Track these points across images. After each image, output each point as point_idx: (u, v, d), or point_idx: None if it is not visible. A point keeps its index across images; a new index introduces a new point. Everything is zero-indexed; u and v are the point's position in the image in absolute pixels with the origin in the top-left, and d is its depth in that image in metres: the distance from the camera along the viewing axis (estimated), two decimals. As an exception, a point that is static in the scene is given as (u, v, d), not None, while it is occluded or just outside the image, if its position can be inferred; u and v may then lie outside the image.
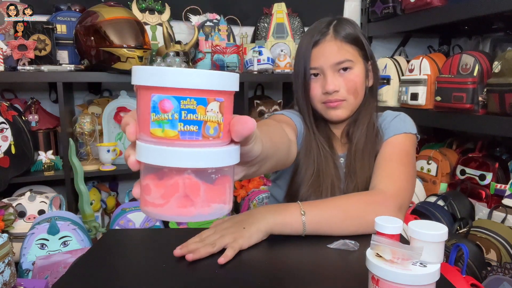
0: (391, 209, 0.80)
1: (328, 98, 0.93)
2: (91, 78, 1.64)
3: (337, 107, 0.94)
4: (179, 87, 0.33)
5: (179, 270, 0.65)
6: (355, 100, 0.95)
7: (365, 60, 0.96)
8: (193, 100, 0.34)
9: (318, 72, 0.94)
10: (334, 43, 0.92)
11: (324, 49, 0.93)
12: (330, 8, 2.25)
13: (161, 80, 0.33)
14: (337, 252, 0.71)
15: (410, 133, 0.95)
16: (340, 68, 0.92)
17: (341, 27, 0.94)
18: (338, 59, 0.92)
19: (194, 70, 0.33)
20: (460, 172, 1.80)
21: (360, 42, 0.95)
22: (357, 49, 0.94)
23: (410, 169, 0.90)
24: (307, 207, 0.78)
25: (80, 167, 1.53)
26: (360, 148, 0.95)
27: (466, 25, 1.97)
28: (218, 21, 1.94)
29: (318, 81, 0.94)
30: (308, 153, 0.96)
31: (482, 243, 1.31)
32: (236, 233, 0.72)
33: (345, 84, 0.93)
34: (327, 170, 0.94)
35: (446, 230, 0.53)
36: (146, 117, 0.34)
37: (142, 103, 0.35)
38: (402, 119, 0.99)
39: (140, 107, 0.36)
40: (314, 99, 0.96)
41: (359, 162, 0.94)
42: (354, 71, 0.93)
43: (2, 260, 0.88)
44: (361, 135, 0.96)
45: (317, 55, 0.93)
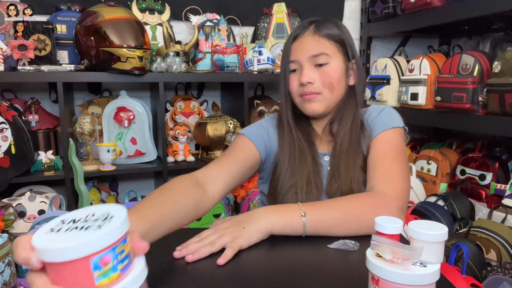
0: (393, 211, 0.80)
1: (304, 91, 0.94)
2: (91, 78, 1.64)
3: (312, 100, 0.94)
4: (112, 242, 0.40)
5: (179, 270, 0.65)
6: (330, 95, 0.94)
7: (346, 57, 0.97)
8: (121, 243, 0.42)
9: (297, 66, 0.95)
10: (312, 38, 0.94)
11: (302, 42, 0.94)
12: (330, 8, 2.25)
13: (97, 245, 0.39)
14: (337, 252, 0.71)
15: (398, 127, 0.95)
16: (317, 62, 0.93)
17: (323, 25, 0.95)
18: (314, 52, 0.93)
19: (110, 227, 0.40)
20: (460, 172, 1.80)
21: (342, 39, 0.96)
22: (337, 46, 0.95)
23: (404, 166, 0.90)
24: (308, 208, 0.78)
25: (80, 167, 1.53)
26: (345, 147, 0.95)
27: (466, 25, 1.97)
28: (218, 21, 1.94)
29: (296, 75, 0.96)
30: (285, 150, 0.96)
31: (482, 243, 1.31)
32: (235, 232, 0.72)
33: (320, 77, 0.93)
34: (303, 165, 0.94)
35: (446, 230, 0.53)
36: (87, 279, 0.40)
37: (78, 273, 0.40)
38: (388, 113, 0.98)
39: (73, 276, 0.40)
40: (292, 93, 0.97)
41: (343, 161, 0.93)
42: (330, 65, 0.93)
43: (2, 260, 0.88)
44: (346, 133, 0.95)
45: (295, 49, 0.95)
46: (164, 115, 1.77)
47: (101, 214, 0.44)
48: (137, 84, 1.98)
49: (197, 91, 2.12)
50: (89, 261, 0.39)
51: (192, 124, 1.95)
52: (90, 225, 0.41)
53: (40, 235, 0.41)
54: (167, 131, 1.88)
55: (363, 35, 2.31)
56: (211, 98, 2.09)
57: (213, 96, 2.14)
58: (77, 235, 0.40)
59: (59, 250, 0.38)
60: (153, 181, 2.11)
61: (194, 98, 2.03)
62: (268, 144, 0.98)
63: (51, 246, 0.39)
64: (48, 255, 0.39)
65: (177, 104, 1.95)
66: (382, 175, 0.87)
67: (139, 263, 0.45)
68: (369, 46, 2.31)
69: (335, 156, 0.95)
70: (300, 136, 0.97)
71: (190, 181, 0.81)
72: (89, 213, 0.45)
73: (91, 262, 0.39)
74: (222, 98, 2.16)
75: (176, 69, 1.70)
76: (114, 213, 0.44)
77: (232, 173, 0.89)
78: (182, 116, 1.97)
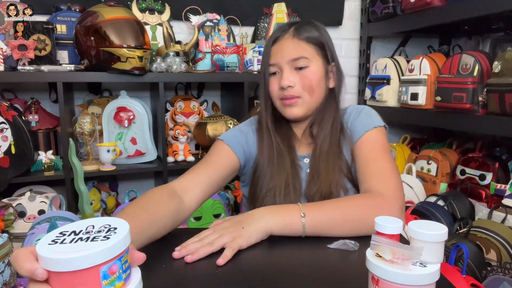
0: (394, 212, 0.80)
1: (284, 94, 0.94)
2: (91, 78, 1.64)
3: (292, 105, 0.95)
4: (120, 252, 0.42)
5: (179, 270, 0.65)
6: (310, 98, 0.95)
7: (326, 60, 0.97)
8: (126, 253, 0.44)
9: (277, 69, 0.95)
10: (291, 41, 0.94)
11: (282, 46, 0.94)
12: (330, 8, 2.25)
13: (107, 255, 0.41)
14: (337, 252, 0.71)
15: (379, 126, 0.95)
16: (296, 66, 0.93)
17: (303, 28, 0.95)
18: (294, 55, 0.93)
19: (118, 238, 0.42)
20: (460, 172, 1.80)
21: (321, 43, 0.96)
22: (317, 49, 0.95)
23: (393, 164, 0.91)
24: (307, 209, 0.78)
25: (80, 167, 1.53)
26: (325, 150, 0.95)
27: (466, 25, 1.97)
28: (218, 21, 1.94)
29: (276, 78, 0.96)
30: (264, 154, 0.97)
31: (482, 243, 1.31)
32: (235, 232, 0.72)
33: (300, 80, 0.93)
34: (281, 168, 0.95)
35: (446, 230, 0.53)
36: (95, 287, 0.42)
37: (87, 282, 0.41)
38: (367, 113, 0.99)
39: (82, 286, 0.41)
40: (273, 96, 0.97)
41: (323, 163, 0.94)
42: (310, 69, 0.94)
43: (2, 260, 0.88)
44: (326, 136, 0.96)
45: (275, 52, 0.95)
46: (164, 115, 1.77)
47: (102, 226, 0.45)
48: (137, 84, 1.98)
49: (197, 91, 2.12)
50: (99, 270, 0.41)
51: (192, 124, 1.95)
52: (96, 236, 0.43)
53: (44, 246, 0.42)
54: (167, 131, 1.88)
55: (363, 35, 2.31)
56: (211, 98, 2.09)
57: (213, 96, 2.14)
58: (86, 245, 0.41)
59: (72, 260, 0.39)
60: (153, 181, 2.11)
61: (194, 98, 2.03)
62: (247, 148, 0.99)
63: (62, 256, 0.39)
64: (59, 265, 0.40)
65: (177, 104, 1.95)
66: (376, 176, 0.87)
67: (136, 273, 0.47)
68: (369, 46, 2.31)
69: (315, 159, 0.96)
70: (279, 140, 0.98)
71: (166, 192, 0.83)
72: (88, 225, 0.46)
73: (100, 271, 0.41)
74: (222, 98, 2.16)
75: (176, 69, 1.70)
76: (115, 224, 0.46)
77: (209, 181, 0.90)
78: (182, 116, 1.97)
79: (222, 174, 0.93)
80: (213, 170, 0.92)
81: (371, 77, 2.19)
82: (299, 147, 1.01)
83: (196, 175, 0.90)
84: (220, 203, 1.79)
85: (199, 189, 0.88)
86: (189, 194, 0.86)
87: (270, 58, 0.96)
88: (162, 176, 1.77)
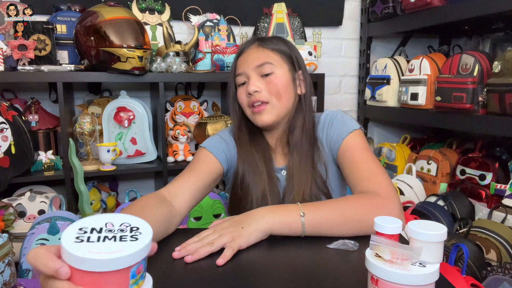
0: (395, 211, 0.80)
1: (251, 100, 0.95)
2: (91, 78, 1.64)
3: (262, 112, 0.95)
4: (148, 252, 0.44)
5: (179, 271, 0.65)
6: (278, 103, 0.96)
7: (292, 67, 0.98)
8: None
9: (244, 79, 0.97)
10: (256, 50, 0.97)
11: (248, 55, 0.97)
12: (330, 8, 2.25)
13: (139, 256, 0.42)
14: (336, 252, 0.71)
15: (355, 130, 0.96)
16: (262, 72, 0.95)
17: (268, 40, 0.99)
18: (259, 62, 0.95)
19: (146, 239, 0.44)
20: (460, 172, 1.80)
21: (286, 52, 0.98)
22: (282, 57, 0.97)
23: (379, 163, 0.92)
24: (307, 208, 0.78)
25: (80, 167, 1.53)
26: (297, 161, 0.97)
27: (466, 25, 1.97)
28: (218, 21, 1.94)
29: (245, 88, 0.97)
30: (241, 166, 0.99)
31: (482, 243, 1.31)
32: (234, 232, 0.72)
33: (266, 86, 0.95)
34: (258, 182, 0.97)
35: (446, 230, 0.53)
36: (124, 287, 0.43)
37: (117, 281, 0.42)
38: (340, 120, 0.99)
39: (110, 285, 0.42)
40: (243, 105, 0.99)
41: (296, 176, 0.96)
42: (276, 74, 0.95)
43: (2, 260, 0.88)
44: (298, 143, 0.97)
45: (241, 62, 0.98)
46: (164, 115, 1.77)
47: (122, 224, 0.46)
48: (137, 84, 1.98)
49: (197, 91, 2.12)
50: (129, 271, 0.42)
51: (192, 124, 1.95)
52: (122, 236, 0.44)
53: (71, 243, 0.42)
54: (167, 131, 1.88)
55: (363, 35, 2.31)
56: (211, 98, 2.09)
57: (213, 96, 2.14)
58: (118, 246, 0.42)
59: (109, 261, 0.40)
60: (153, 181, 2.11)
61: (194, 98, 2.03)
62: (229, 155, 1.01)
63: (97, 256, 0.40)
64: (92, 265, 0.40)
65: (177, 104, 1.95)
66: (367, 179, 0.88)
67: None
68: (369, 46, 2.31)
69: (290, 171, 0.98)
70: (255, 153, 0.99)
71: (157, 199, 0.84)
72: (106, 221, 0.46)
73: (130, 271, 0.42)
74: (222, 98, 2.16)
75: (176, 69, 1.70)
76: (135, 224, 0.47)
77: (196, 186, 0.91)
78: (182, 116, 1.97)
79: (207, 180, 0.95)
80: (198, 176, 0.94)
81: (371, 77, 2.19)
82: (275, 158, 1.03)
83: (184, 181, 0.91)
84: (220, 203, 1.79)
85: (187, 194, 0.89)
86: (179, 199, 0.87)
87: (237, 69, 0.98)
88: (162, 176, 1.78)
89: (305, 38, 2.05)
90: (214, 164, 0.98)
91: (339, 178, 1.02)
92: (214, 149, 1.00)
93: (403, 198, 1.76)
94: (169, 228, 0.80)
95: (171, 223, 0.81)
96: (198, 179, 0.93)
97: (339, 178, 1.02)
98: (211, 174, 0.96)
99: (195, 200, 0.92)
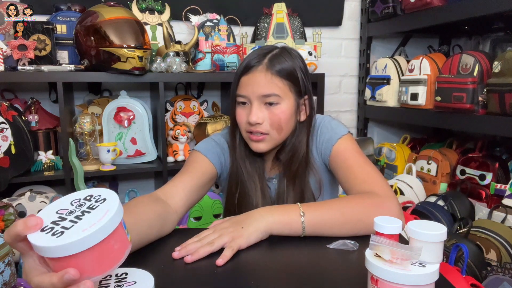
0: (395, 210, 0.80)
1: (250, 129, 0.92)
2: (91, 78, 1.64)
3: (259, 141, 0.93)
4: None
5: (178, 271, 0.65)
6: (278, 135, 0.94)
7: (298, 95, 0.94)
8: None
9: (246, 100, 0.92)
10: (264, 75, 0.90)
11: (254, 78, 0.90)
12: (330, 8, 2.25)
13: (119, 209, 0.46)
14: (336, 252, 0.71)
15: (343, 135, 0.96)
16: (267, 101, 0.91)
17: (277, 60, 0.91)
18: (265, 91, 0.89)
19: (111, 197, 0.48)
20: (460, 172, 1.80)
21: (295, 77, 0.92)
22: (289, 84, 0.92)
23: (373, 165, 0.92)
24: (307, 208, 0.78)
25: (80, 167, 1.54)
26: (290, 177, 0.96)
27: (466, 25, 1.97)
28: (218, 21, 1.94)
29: (245, 109, 0.93)
30: (235, 174, 0.99)
31: (482, 243, 1.31)
32: (234, 232, 0.72)
33: (269, 117, 0.91)
34: (251, 192, 0.97)
35: (445, 230, 0.53)
36: (125, 237, 0.48)
37: (118, 237, 0.46)
38: (327, 127, 0.98)
39: (117, 241, 0.46)
40: (240, 126, 0.96)
41: (290, 187, 0.96)
42: (281, 106, 0.91)
43: (2, 260, 0.88)
44: (294, 164, 0.96)
45: (246, 83, 0.91)
46: (164, 115, 1.77)
47: (71, 201, 0.48)
48: (137, 84, 1.98)
49: (197, 91, 2.12)
50: (122, 223, 0.46)
51: (192, 124, 1.95)
52: (90, 206, 0.46)
53: (60, 239, 0.42)
54: (167, 131, 1.88)
55: (363, 35, 2.31)
56: (211, 98, 2.09)
57: (213, 96, 2.14)
58: (98, 211, 0.45)
59: (104, 227, 0.43)
60: (153, 181, 2.11)
61: (194, 98, 2.03)
62: (223, 159, 1.01)
63: (93, 228, 0.42)
64: (93, 239, 0.42)
65: (177, 104, 1.95)
66: (363, 181, 0.88)
67: (149, 280, 0.52)
68: (369, 46, 2.31)
69: (281, 182, 0.98)
70: (248, 164, 0.99)
71: (150, 198, 0.83)
72: (72, 200, 0.48)
73: (122, 223, 0.47)
74: (222, 98, 2.16)
75: (176, 69, 1.70)
76: (84, 195, 0.49)
77: (190, 187, 0.90)
78: (182, 116, 1.97)
79: (201, 180, 0.94)
80: (192, 177, 0.93)
81: (371, 77, 2.19)
82: (267, 168, 1.03)
83: (177, 182, 0.90)
84: (220, 203, 1.79)
85: (182, 193, 0.88)
86: (174, 199, 0.86)
87: (240, 88, 0.93)
88: (162, 176, 1.78)
89: (305, 38, 2.05)
90: (208, 166, 0.97)
91: (329, 185, 1.03)
92: (208, 152, 0.99)
93: (403, 198, 1.76)
94: (165, 226, 0.79)
95: (166, 221, 0.80)
96: (193, 180, 0.92)
97: (330, 185, 1.03)
98: (205, 175, 0.96)
99: (191, 201, 0.91)
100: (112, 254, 0.45)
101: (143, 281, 0.49)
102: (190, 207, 0.92)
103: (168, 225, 0.81)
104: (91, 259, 0.43)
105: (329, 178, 1.02)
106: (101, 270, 0.44)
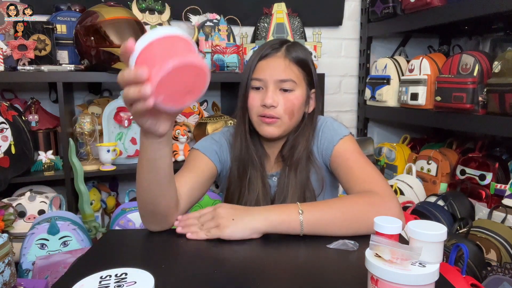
0: (395, 209, 0.80)
1: (264, 112, 0.93)
2: (91, 78, 1.64)
3: (270, 124, 0.94)
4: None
5: (178, 270, 0.66)
6: (289, 121, 0.95)
7: (309, 86, 0.97)
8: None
9: (261, 85, 0.94)
10: (282, 60, 0.93)
11: (272, 63, 0.93)
12: (330, 8, 2.25)
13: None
14: (336, 252, 0.71)
15: (344, 136, 0.96)
16: (283, 87, 0.92)
17: (294, 49, 0.95)
18: (283, 76, 0.92)
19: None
20: (460, 172, 1.80)
21: (308, 68, 0.96)
22: (303, 74, 0.95)
23: (374, 166, 0.92)
24: (306, 206, 0.78)
25: (80, 167, 1.54)
26: (292, 171, 0.97)
27: (466, 25, 1.97)
28: (218, 21, 1.94)
29: (259, 93, 0.94)
30: (235, 171, 0.99)
31: (482, 243, 1.30)
32: (223, 221, 0.76)
33: (284, 102, 0.93)
34: (252, 189, 0.97)
35: (445, 230, 0.53)
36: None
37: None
38: (329, 127, 0.99)
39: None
40: (251, 110, 0.96)
41: (292, 182, 0.96)
42: (295, 93, 0.93)
43: (2, 260, 0.88)
44: (295, 160, 0.97)
45: (263, 67, 0.93)
46: (164, 115, 1.76)
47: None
48: (137, 84, 1.98)
49: (197, 91, 2.12)
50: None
51: (192, 124, 1.95)
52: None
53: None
54: (167, 131, 1.87)
55: (363, 35, 2.31)
56: (211, 98, 2.09)
57: (213, 96, 2.14)
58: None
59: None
60: (153, 181, 2.11)
61: (194, 98, 2.03)
62: (222, 157, 1.01)
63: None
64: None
65: (177, 104, 1.95)
66: (363, 181, 0.88)
67: (150, 280, 0.52)
68: (369, 46, 2.31)
69: (282, 178, 0.98)
70: (251, 158, 0.98)
71: None
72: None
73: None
74: (222, 98, 2.16)
75: (176, 69, 1.70)
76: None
77: (192, 184, 0.91)
78: (182, 116, 1.97)
79: (202, 178, 0.94)
80: (193, 174, 0.93)
81: (371, 77, 2.19)
82: (268, 164, 1.03)
83: (178, 179, 0.90)
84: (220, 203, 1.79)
85: (185, 190, 0.88)
86: (178, 191, 0.87)
87: (256, 72, 0.94)
88: (162, 176, 1.77)
89: (305, 38, 2.05)
90: (208, 163, 0.98)
91: (330, 186, 1.03)
92: (207, 150, 0.99)
93: (403, 198, 1.76)
94: (175, 210, 0.83)
95: (176, 208, 0.84)
96: (193, 178, 0.92)
97: (330, 186, 1.03)
98: (205, 172, 0.96)
99: (193, 198, 0.91)
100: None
101: (143, 281, 0.49)
102: (192, 205, 0.92)
103: (174, 215, 0.83)
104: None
105: (330, 179, 1.02)
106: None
